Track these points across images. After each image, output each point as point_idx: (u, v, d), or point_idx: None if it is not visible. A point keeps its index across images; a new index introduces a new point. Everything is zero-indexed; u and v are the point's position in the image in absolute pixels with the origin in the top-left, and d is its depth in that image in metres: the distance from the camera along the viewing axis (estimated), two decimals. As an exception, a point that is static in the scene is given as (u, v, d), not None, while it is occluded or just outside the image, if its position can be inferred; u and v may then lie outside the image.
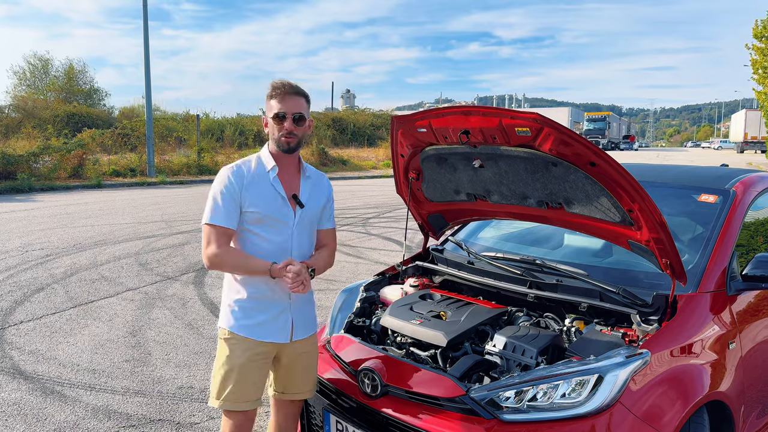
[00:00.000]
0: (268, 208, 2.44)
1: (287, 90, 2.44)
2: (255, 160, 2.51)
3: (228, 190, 2.41)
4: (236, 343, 2.45)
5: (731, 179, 3.24)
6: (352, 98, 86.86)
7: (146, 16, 22.04)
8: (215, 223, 2.39)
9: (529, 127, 2.28)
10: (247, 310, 2.47)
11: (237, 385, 2.43)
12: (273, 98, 2.44)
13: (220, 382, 2.45)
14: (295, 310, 2.54)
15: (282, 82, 2.46)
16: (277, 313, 2.49)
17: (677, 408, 2.15)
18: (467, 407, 2.14)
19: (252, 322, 2.46)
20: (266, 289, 2.46)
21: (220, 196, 2.41)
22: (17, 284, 6.78)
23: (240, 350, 2.44)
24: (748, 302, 2.77)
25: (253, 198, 2.42)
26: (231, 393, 2.43)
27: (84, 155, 20.90)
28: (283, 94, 2.43)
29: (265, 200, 2.44)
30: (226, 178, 2.43)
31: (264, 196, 2.45)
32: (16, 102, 34.47)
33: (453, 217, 3.35)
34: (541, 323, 2.69)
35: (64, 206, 13.69)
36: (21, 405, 3.87)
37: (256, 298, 2.47)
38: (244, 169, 2.47)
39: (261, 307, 2.47)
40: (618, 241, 2.62)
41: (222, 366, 2.46)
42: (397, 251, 8.84)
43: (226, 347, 2.47)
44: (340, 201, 15.42)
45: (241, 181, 2.43)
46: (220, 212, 2.39)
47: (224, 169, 2.47)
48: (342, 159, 29.98)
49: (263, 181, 2.46)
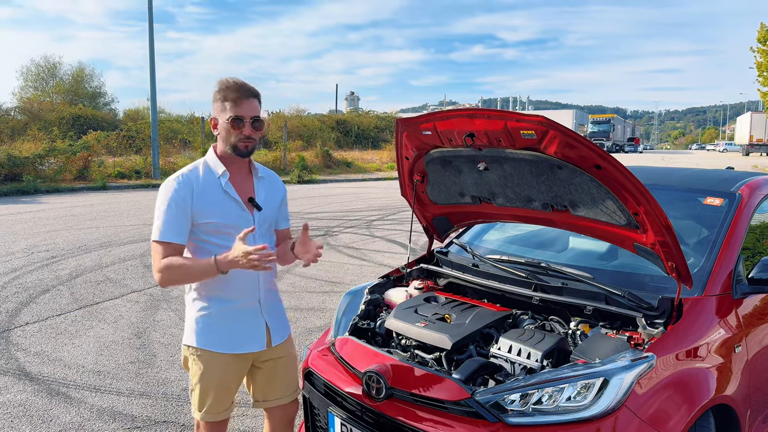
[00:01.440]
0: (225, 216, 2.31)
1: (243, 92, 2.28)
2: (202, 166, 2.35)
3: (176, 202, 2.24)
4: (210, 359, 2.36)
5: (737, 182, 3.24)
6: (356, 100, 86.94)
7: (151, 19, 22.12)
8: (164, 239, 2.23)
9: (535, 130, 2.28)
10: (216, 322, 2.36)
11: (217, 399, 2.41)
12: (227, 101, 2.28)
13: (199, 396, 2.40)
14: (267, 313, 2.47)
15: (236, 83, 2.30)
16: (249, 320, 2.42)
17: (683, 412, 2.14)
18: (472, 410, 2.14)
19: (224, 335, 2.37)
20: (231, 296, 2.36)
21: (167, 211, 2.24)
22: (23, 286, 6.81)
23: (215, 366, 2.37)
24: (755, 305, 2.76)
25: (206, 208, 2.28)
26: (211, 406, 2.41)
27: (89, 157, 20.98)
28: (239, 97, 2.27)
29: (220, 209, 2.30)
30: (172, 190, 2.25)
31: (218, 204, 2.30)
32: (22, 104, 34.63)
33: (458, 219, 3.35)
34: (546, 326, 2.69)
35: (69, 208, 13.74)
36: (27, 406, 3.89)
37: (224, 308, 2.36)
38: (191, 177, 2.30)
39: (231, 317, 2.37)
40: (623, 244, 2.61)
41: (198, 382, 2.38)
42: (401, 254, 8.84)
43: (199, 364, 2.37)
44: (345, 203, 15.43)
45: (190, 192, 2.26)
46: (168, 228, 2.23)
47: (170, 180, 2.28)
48: (346, 161, 29.99)
49: (214, 188, 2.31)
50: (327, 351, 2.80)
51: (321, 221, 11.98)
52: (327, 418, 2.60)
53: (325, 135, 37.21)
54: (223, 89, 2.29)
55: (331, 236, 10.17)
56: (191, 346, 2.39)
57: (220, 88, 2.30)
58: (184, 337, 2.43)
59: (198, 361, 2.38)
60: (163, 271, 2.22)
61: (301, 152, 28.04)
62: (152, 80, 22.53)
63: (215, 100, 2.31)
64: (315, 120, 41.27)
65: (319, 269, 7.74)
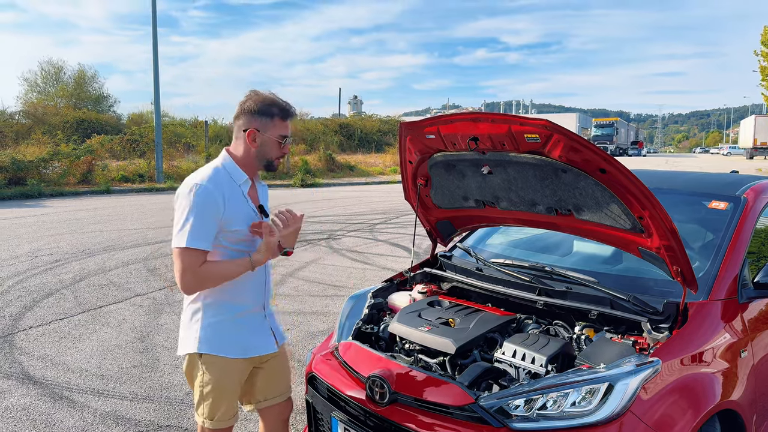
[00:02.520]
0: (246, 224, 2.33)
1: (292, 113, 2.37)
2: (222, 172, 2.33)
3: (211, 208, 2.21)
4: (223, 366, 2.37)
5: (742, 186, 3.22)
6: (359, 104, 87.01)
7: (155, 23, 22.20)
8: (198, 246, 2.18)
9: (539, 134, 2.28)
10: (228, 328, 2.37)
11: (230, 404, 2.42)
12: (281, 118, 2.33)
13: (212, 403, 2.39)
14: (269, 317, 2.55)
15: (285, 102, 2.36)
16: (257, 324, 2.46)
17: (688, 417, 2.13)
18: (476, 415, 2.13)
19: (236, 340, 2.38)
20: (242, 301, 2.39)
21: (201, 216, 2.19)
22: (26, 289, 6.82)
23: (228, 372, 2.38)
24: (760, 310, 2.74)
25: (234, 217, 2.29)
26: (224, 413, 2.42)
27: (93, 161, 21.07)
28: (288, 116, 2.35)
29: (244, 217, 2.33)
30: (208, 195, 2.21)
31: (242, 213, 2.33)
32: (26, 108, 34.76)
33: (461, 223, 3.34)
34: (550, 331, 2.68)
35: (73, 212, 13.78)
36: (30, 410, 3.89)
37: (235, 314, 2.38)
38: (221, 183, 2.29)
39: (241, 322, 2.40)
40: (628, 248, 2.60)
41: (212, 391, 2.37)
42: (404, 257, 8.83)
43: (212, 371, 2.36)
44: (348, 207, 15.43)
45: (222, 198, 2.24)
46: (202, 235, 2.19)
47: (200, 184, 2.22)
48: (349, 165, 30.03)
49: (238, 197, 2.33)
50: (330, 355, 2.79)
51: (324, 225, 11.98)
52: (330, 422, 2.59)
53: (329, 139, 37.26)
54: (274, 105, 2.32)
55: (334, 240, 10.16)
56: (202, 353, 2.36)
57: (269, 103, 2.32)
58: (188, 346, 2.38)
59: (211, 369, 2.36)
60: (198, 278, 2.21)
61: (305, 156, 28.08)
62: (156, 84, 22.60)
63: (260, 113, 2.31)
64: (318, 124, 41.37)
65: (322, 273, 7.74)
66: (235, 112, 2.37)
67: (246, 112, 2.33)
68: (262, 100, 2.32)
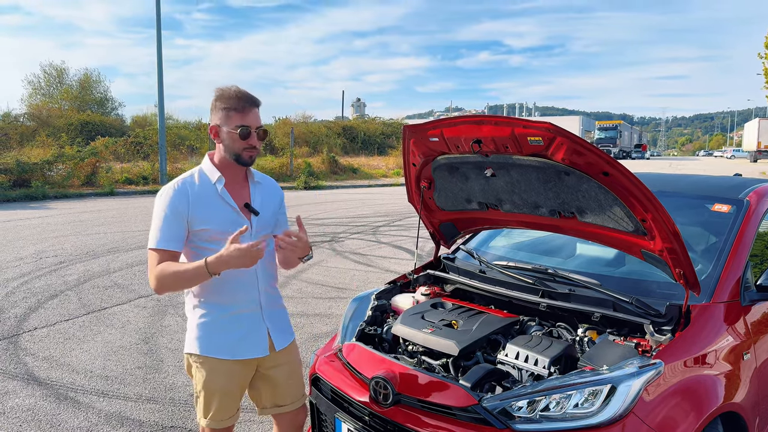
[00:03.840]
0: (220, 223, 2.30)
1: (249, 102, 2.30)
2: (197, 174, 2.37)
3: (172, 210, 2.26)
4: (213, 367, 2.37)
5: (745, 189, 3.23)
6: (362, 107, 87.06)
7: (159, 25, 22.27)
8: (160, 247, 2.24)
9: (542, 137, 2.29)
10: (216, 329, 2.37)
11: (221, 406, 2.42)
12: (233, 110, 2.28)
13: (204, 403, 2.41)
14: (268, 318, 2.47)
15: (240, 92, 2.30)
16: (251, 326, 2.41)
17: (691, 419, 2.13)
18: (479, 417, 2.13)
19: (225, 341, 2.37)
20: (230, 301, 2.37)
21: (163, 218, 2.26)
22: (31, 291, 6.85)
23: (218, 373, 2.37)
24: (763, 313, 2.74)
25: (202, 215, 2.28)
26: (216, 413, 2.42)
27: (97, 163, 21.14)
28: (245, 107, 2.29)
29: (216, 215, 2.31)
30: (168, 198, 2.27)
31: (213, 211, 2.31)
32: (31, 110, 34.89)
33: (464, 225, 3.35)
34: (553, 333, 2.68)
35: (77, 214, 13.83)
36: (35, 411, 3.90)
37: (224, 314, 2.36)
38: (187, 185, 2.32)
39: (231, 323, 2.37)
40: (631, 251, 2.61)
41: (202, 389, 2.39)
42: (407, 260, 8.84)
43: (202, 371, 2.37)
44: (351, 209, 15.45)
45: (186, 199, 2.27)
46: (165, 235, 2.25)
47: (166, 188, 2.31)
48: (352, 167, 30.06)
49: (210, 195, 2.32)
50: (334, 357, 2.80)
51: (327, 227, 12.00)
52: (334, 424, 2.60)
53: (332, 141, 37.31)
54: (227, 98, 2.29)
55: (337, 242, 10.18)
56: (193, 353, 2.39)
57: (222, 97, 2.30)
58: (186, 345, 2.43)
59: (201, 369, 2.38)
60: (157, 277, 2.22)
61: (308, 158, 28.13)
62: (160, 86, 22.67)
63: (217, 108, 2.31)
64: (321, 126, 41.42)
65: (325, 275, 7.75)
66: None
67: (211, 110, 2.36)
68: (220, 94, 2.31)
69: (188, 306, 2.43)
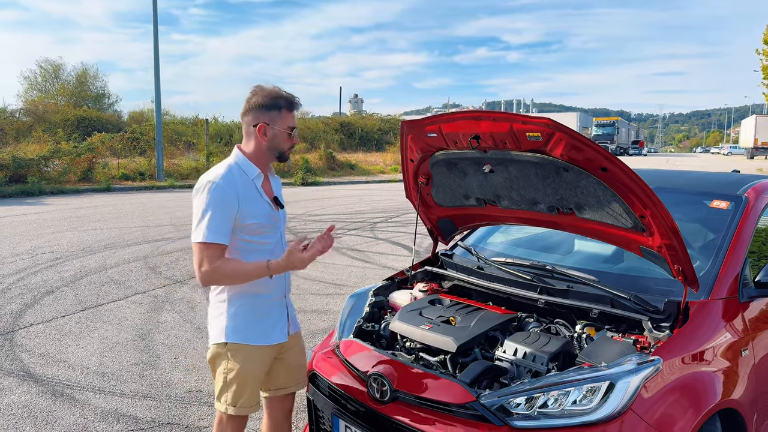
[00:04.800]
0: (261, 217, 2.41)
1: (296, 104, 2.44)
2: (235, 168, 2.41)
3: (226, 204, 2.31)
4: (248, 353, 2.45)
5: (743, 185, 3.22)
6: (360, 103, 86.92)
7: (156, 21, 22.19)
8: (213, 241, 2.28)
9: (541, 132, 2.28)
10: (253, 317, 2.46)
11: (253, 391, 2.49)
12: (287, 110, 2.41)
13: (236, 391, 2.45)
14: (288, 305, 2.62)
15: (290, 95, 2.43)
16: (279, 312, 2.55)
17: (689, 416, 2.13)
18: (477, 413, 2.13)
19: (260, 328, 2.47)
20: (268, 291, 2.47)
21: (217, 212, 2.29)
22: (27, 287, 6.83)
23: (253, 359, 2.46)
24: (761, 309, 2.74)
25: (248, 209, 2.37)
26: (247, 399, 2.48)
27: (94, 159, 21.05)
28: (293, 107, 2.43)
29: (259, 209, 2.41)
30: (221, 192, 2.31)
31: (257, 205, 2.41)
32: (27, 106, 34.75)
33: (462, 222, 3.34)
34: (551, 329, 2.68)
35: (73, 209, 13.78)
36: (31, 407, 3.89)
37: (261, 302, 2.47)
38: (234, 179, 2.37)
39: (265, 310, 2.49)
40: (629, 247, 2.60)
41: (235, 378, 2.44)
42: (405, 256, 8.83)
43: (237, 359, 2.43)
44: (348, 205, 15.43)
45: (236, 194, 2.34)
46: (217, 229, 2.29)
47: (213, 182, 2.32)
48: (350, 163, 30.01)
49: (251, 190, 2.41)
50: (331, 353, 2.80)
51: (325, 223, 11.98)
52: (331, 420, 2.60)
53: (329, 137, 37.24)
54: (280, 97, 2.40)
55: (335, 238, 10.16)
56: (228, 342, 2.43)
57: (275, 96, 2.39)
58: (218, 335, 2.46)
59: (236, 357, 2.44)
60: (215, 272, 2.30)
61: (305, 154, 28.06)
62: (157, 82, 22.59)
63: (268, 106, 2.39)
64: (319, 122, 41.35)
65: (322, 271, 7.74)
66: (243, 109, 2.44)
67: (254, 108, 2.41)
68: (268, 94, 2.40)
69: (221, 297, 2.47)
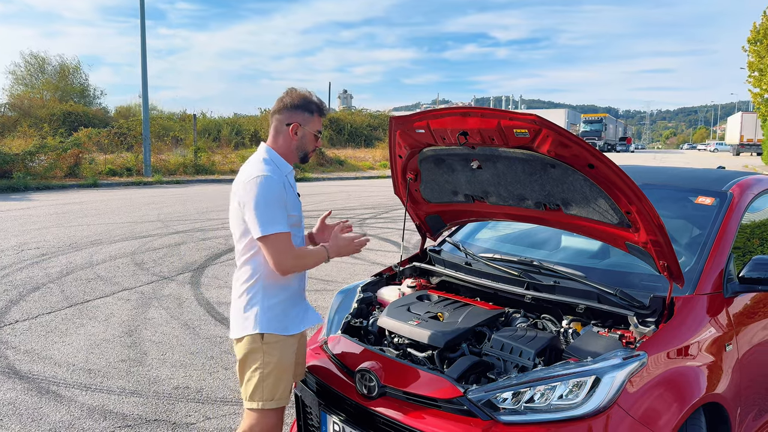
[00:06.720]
0: (297, 209, 2.56)
1: (327, 110, 2.62)
2: (271, 164, 2.49)
3: (279, 196, 2.41)
4: (284, 344, 2.49)
5: (728, 181, 3.25)
6: (349, 99, 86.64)
7: (143, 15, 21.99)
8: (284, 230, 2.39)
9: (528, 129, 2.28)
10: (290, 307, 2.54)
11: (288, 382, 2.53)
12: (318, 114, 2.54)
13: (273, 384, 2.46)
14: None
15: (321, 100, 2.60)
16: (302, 301, 2.64)
17: (674, 410, 2.15)
18: (464, 408, 2.14)
19: (291, 319, 2.54)
20: (296, 282, 2.57)
21: (277, 205, 2.40)
22: (12, 283, 6.76)
23: (288, 349, 2.51)
24: (745, 304, 2.77)
25: (291, 202, 2.49)
26: (284, 390, 2.51)
27: (80, 154, 20.84)
28: (323, 114, 2.58)
29: (295, 203, 2.55)
30: (275, 185, 2.41)
31: (294, 199, 2.54)
32: (12, 100, 34.35)
33: (451, 218, 3.35)
34: (538, 325, 2.69)
35: (60, 205, 13.65)
36: (16, 405, 3.86)
37: (291, 293, 2.55)
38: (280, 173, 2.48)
39: (294, 300, 2.57)
40: (615, 243, 2.62)
41: (273, 369, 2.46)
42: (394, 252, 8.84)
43: (274, 351, 2.46)
44: (337, 201, 15.41)
45: (283, 187, 2.45)
46: (283, 219, 2.41)
47: (268, 176, 2.41)
48: (339, 159, 29.97)
49: (287, 185, 2.51)
50: (319, 349, 2.80)
51: (314, 219, 11.96)
52: (319, 416, 2.60)
53: (318, 133, 37.14)
54: (317, 102, 2.56)
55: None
56: (264, 334, 2.45)
57: (309, 100, 2.53)
58: (248, 327, 2.46)
59: (274, 349, 2.46)
60: (297, 259, 2.43)
61: (294, 150, 27.96)
62: (144, 77, 22.40)
63: (301, 108, 2.51)
64: (308, 118, 41.19)
65: (311, 267, 7.73)
66: (274, 108, 2.55)
67: (287, 108, 2.52)
68: (302, 96, 2.53)
69: (252, 290, 2.49)
